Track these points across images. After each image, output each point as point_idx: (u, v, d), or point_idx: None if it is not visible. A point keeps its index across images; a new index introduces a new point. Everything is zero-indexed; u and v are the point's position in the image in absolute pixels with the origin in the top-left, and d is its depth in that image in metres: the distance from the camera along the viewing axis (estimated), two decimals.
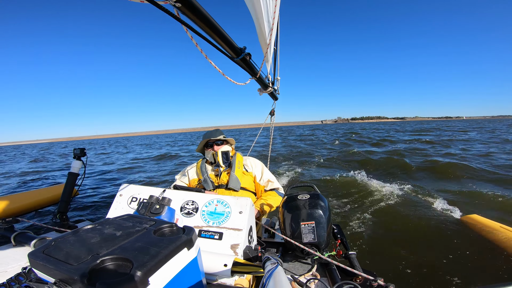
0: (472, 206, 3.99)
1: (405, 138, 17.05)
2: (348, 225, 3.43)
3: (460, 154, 8.73)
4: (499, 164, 6.95)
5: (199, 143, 2.19)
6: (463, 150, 9.97)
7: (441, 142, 13.27)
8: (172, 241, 0.71)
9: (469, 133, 20.00)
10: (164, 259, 0.64)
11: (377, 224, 3.43)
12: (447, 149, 10.24)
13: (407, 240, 2.99)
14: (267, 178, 2.13)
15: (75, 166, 2.25)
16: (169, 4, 0.82)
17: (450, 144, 12.26)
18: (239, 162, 2.09)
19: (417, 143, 13.24)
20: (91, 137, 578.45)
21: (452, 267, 2.42)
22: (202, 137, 2.17)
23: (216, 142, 2.13)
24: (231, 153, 2.17)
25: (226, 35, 1.19)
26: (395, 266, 2.47)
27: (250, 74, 1.86)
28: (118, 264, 0.62)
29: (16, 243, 1.36)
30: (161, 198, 1.25)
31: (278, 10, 1.74)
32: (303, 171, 7.51)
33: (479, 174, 5.90)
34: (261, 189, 2.12)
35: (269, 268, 0.84)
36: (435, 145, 12.17)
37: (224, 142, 2.17)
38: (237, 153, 2.17)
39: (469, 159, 7.70)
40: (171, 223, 0.82)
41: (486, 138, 14.92)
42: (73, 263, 0.60)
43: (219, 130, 2.20)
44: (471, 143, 12.53)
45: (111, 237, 0.73)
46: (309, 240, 1.40)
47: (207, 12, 0.99)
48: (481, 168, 6.34)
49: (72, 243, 0.69)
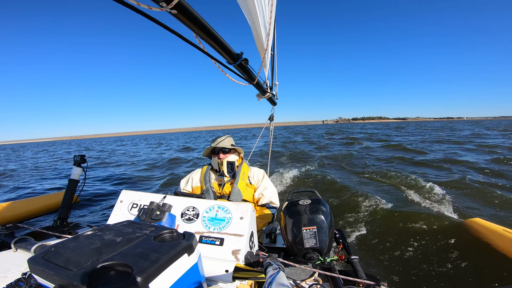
0: (475, 209, 3.96)
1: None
2: (350, 230, 3.40)
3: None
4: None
5: (206, 149, 2.14)
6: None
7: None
8: (172, 247, 0.71)
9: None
10: (164, 265, 0.64)
11: (379, 228, 3.40)
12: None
13: (410, 244, 2.96)
14: (260, 191, 2.06)
15: (75, 173, 2.25)
16: (164, 11, 0.81)
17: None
18: (244, 173, 2.03)
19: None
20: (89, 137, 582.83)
21: (455, 271, 2.40)
22: (211, 141, 2.12)
23: (223, 150, 2.06)
24: (237, 162, 2.11)
25: (222, 41, 1.20)
26: (398, 271, 2.44)
27: (248, 80, 1.86)
28: (118, 270, 0.61)
29: (16, 248, 1.36)
30: (161, 204, 1.25)
31: (274, 15, 1.75)
32: (300, 172, 7.49)
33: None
34: (255, 201, 2.07)
35: (271, 273, 0.83)
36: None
37: (231, 151, 2.10)
38: (243, 163, 2.10)
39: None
40: (171, 229, 0.82)
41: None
42: (73, 268, 0.59)
43: (229, 138, 2.12)
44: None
45: (111, 243, 0.72)
46: (311, 245, 1.39)
47: (203, 18, 0.99)
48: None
49: (72, 249, 0.69)
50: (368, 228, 3.40)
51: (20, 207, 3.77)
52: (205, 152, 2.18)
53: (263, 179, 2.11)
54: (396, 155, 10.01)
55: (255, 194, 2.07)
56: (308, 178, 6.97)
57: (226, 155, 2.06)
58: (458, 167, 7.16)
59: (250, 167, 2.15)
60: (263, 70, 2.19)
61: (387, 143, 14.69)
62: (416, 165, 7.94)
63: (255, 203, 2.08)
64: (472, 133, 21.13)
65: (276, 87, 2.92)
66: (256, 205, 2.07)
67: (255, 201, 2.07)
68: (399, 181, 5.91)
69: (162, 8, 0.79)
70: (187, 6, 0.85)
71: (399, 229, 3.35)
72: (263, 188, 2.07)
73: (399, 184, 5.68)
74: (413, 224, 3.45)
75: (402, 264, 2.54)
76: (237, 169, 2.04)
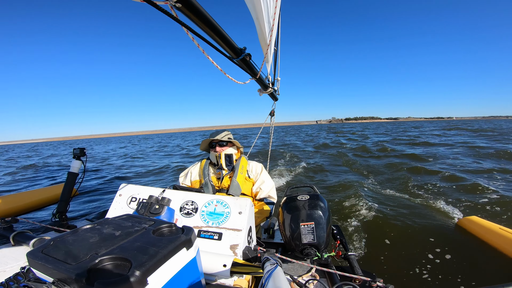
0: (472, 207, 3.99)
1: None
2: (347, 226, 3.43)
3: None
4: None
5: (202, 142, 2.13)
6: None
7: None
8: (171, 241, 0.71)
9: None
10: (163, 259, 0.64)
11: (376, 225, 3.43)
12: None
13: (407, 241, 2.99)
14: (258, 185, 2.06)
15: (75, 166, 2.24)
16: (168, 4, 0.82)
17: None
18: (243, 167, 2.03)
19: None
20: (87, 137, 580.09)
21: (451, 268, 2.42)
22: (209, 135, 2.12)
23: (220, 143, 2.06)
24: (236, 156, 2.11)
25: (226, 36, 1.20)
26: (395, 267, 2.47)
27: (250, 75, 1.86)
28: (117, 263, 0.61)
29: (15, 242, 1.36)
30: (160, 198, 1.26)
31: (278, 10, 1.73)
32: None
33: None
34: (253, 195, 2.08)
35: (268, 268, 0.84)
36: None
37: (228, 144, 2.10)
38: (242, 157, 2.10)
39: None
40: (170, 223, 0.82)
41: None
42: (72, 262, 0.59)
43: (226, 131, 2.12)
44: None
45: (110, 237, 0.73)
46: (308, 241, 1.40)
47: (207, 13, 0.99)
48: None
49: (71, 242, 0.69)
50: (366, 225, 3.42)
51: (19, 200, 3.78)
52: (202, 146, 2.17)
53: (261, 173, 2.12)
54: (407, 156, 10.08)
55: (253, 188, 2.07)
56: (306, 174, 7.01)
57: (223, 148, 2.06)
58: (448, 165, 7.20)
59: (248, 161, 2.15)
60: (266, 66, 2.18)
61: (411, 141, 14.76)
62: (414, 160, 7.99)
63: (253, 197, 2.08)
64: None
65: (278, 83, 2.92)
66: (254, 199, 2.08)
67: (253, 195, 2.08)
68: (398, 180, 5.94)
69: (167, 1, 0.79)
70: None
71: (396, 226, 3.38)
72: (261, 182, 2.07)
73: (399, 184, 5.71)
74: (410, 222, 3.48)
75: (398, 261, 2.57)
76: (235, 163, 2.04)
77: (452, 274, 2.33)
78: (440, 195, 4.59)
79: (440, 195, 4.64)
